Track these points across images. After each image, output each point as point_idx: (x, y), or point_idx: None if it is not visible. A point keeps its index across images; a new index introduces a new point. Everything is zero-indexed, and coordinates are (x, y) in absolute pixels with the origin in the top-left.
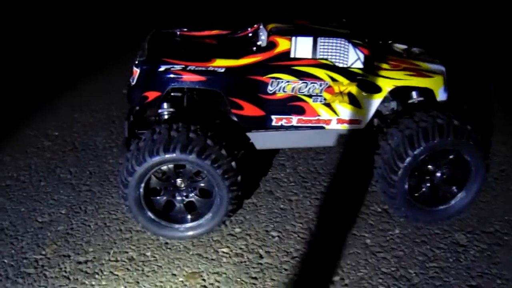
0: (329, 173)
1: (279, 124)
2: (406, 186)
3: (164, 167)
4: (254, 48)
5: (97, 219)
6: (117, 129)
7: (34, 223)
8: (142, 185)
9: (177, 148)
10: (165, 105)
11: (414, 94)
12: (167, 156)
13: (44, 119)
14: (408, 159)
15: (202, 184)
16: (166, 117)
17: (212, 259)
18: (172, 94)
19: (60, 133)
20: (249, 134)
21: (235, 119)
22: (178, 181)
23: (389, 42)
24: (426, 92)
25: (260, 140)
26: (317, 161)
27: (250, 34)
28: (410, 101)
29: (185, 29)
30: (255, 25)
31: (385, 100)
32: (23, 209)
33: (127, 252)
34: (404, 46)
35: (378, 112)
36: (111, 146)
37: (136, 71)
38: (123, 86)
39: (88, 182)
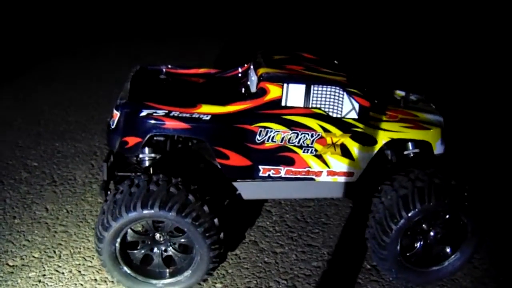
0: (317, 222)
1: (266, 174)
2: (398, 248)
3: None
4: (243, 90)
5: (71, 266)
6: (98, 162)
7: (5, 267)
8: (118, 239)
9: (156, 204)
10: (146, 150)
11: (410, 145)
12: (145, 212)
13: (24, 146)
14: (401, 221)
15: (182, 240)
16: (147, 163)
17: None
18: (154, 138)
19: (40, 164)
20: (234, 184)
21: (220, 168)
22: (157, 235)
23: (386, 87)
24: (422, 144)
25: (246, 190)
26: (305, 208)
27: (240, 75)
28: (405, 153)
29: (171, 66)
30: (246, 65)
31: (379, 149)
32: None
33: None
34: (402, 93)
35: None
36: (90, 181)
37: (116, 114)
38: (107, 114)
39: (65, 222)
